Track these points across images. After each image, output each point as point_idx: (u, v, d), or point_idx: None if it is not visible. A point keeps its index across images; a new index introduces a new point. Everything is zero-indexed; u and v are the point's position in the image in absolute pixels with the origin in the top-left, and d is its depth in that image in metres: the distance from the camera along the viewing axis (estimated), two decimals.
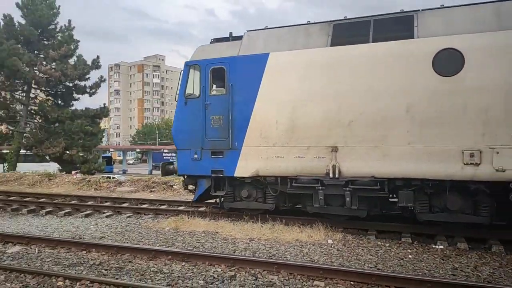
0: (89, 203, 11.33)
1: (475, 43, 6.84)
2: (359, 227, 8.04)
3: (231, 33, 9.24)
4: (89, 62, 25.88)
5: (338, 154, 7.67)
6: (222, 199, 9.15)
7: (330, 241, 7.05)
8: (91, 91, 26.61)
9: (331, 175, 7.63)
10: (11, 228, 8.40)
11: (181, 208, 10.38)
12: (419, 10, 7.67)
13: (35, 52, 25.08)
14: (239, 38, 8.96)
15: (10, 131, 26.17)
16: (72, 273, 5.39)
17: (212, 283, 5.09)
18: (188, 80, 9.09)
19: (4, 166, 25.11)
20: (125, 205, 10.84)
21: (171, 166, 9.81)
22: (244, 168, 8.41)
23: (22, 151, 25.99)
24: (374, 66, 7.46)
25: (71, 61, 25.80)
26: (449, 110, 6.91)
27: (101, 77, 26.47)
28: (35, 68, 24.28)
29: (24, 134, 25.33)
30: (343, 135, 7.62)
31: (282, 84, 8.13)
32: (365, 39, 7.72)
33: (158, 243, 7.05)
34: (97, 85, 26.48)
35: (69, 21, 26.21)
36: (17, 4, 24.74)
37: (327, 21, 8.37)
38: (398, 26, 7.64)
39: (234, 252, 6.51)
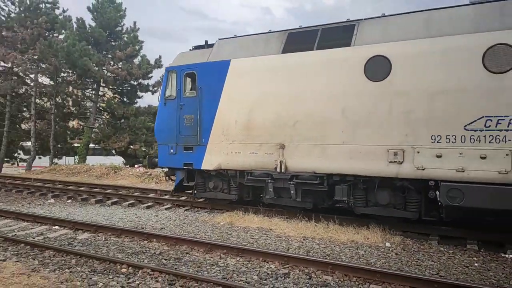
0: (150, 195, 11.90)
1: (401, 50, 7.38)
2: (420, 231, 7.67)
3: (206, 41, 10.32)
4: (152, 62, 27.15)
5: (285, 151, 8.49)
6: (195, 189, 10.11)
7: (388, 244, 6.81)
8: (154, 89, 27.93)
9: (278, 170, 8.45)
10: (81, 216, 9.07)
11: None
12: (361, 19, 8.22)
13: (104, 52, 26.76)
14: (212, 46, 9.99)
15: (81, 126, 28.26)
16: (135, 261, 5.70)
17: (266, 279, 5.14)
18: (167, 83, 10.31)
19: (75, 159, 27.16)
20: (182, 198, 11.24)
21: (156, 159, 10.65)
22: (209, 162, 9.42)
23: (91, 145, 27.90)
24: (316, 72, 8.16)
25: (136, 61, 27.21)
26: (377, 112, 7.50)
27: (163, 76, 27.58)
28: (103, 68, 25.95)
29: (93, 129, 27.21)
30: (289, 134, 8.42)
31: (241, 88, 9.05)
32: (311, 47, 8.42)
33: (213, 237, 7.24)
34: (159, 84, 27.73)
35: (134, 22, 27.68)
36: (88, 8, 26.56)
37: (284, 30, 9.14)
38: (340, 35, 8.26)
39: (288, 249, 6.51)
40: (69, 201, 11.56)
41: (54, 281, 4.87)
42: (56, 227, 7.91)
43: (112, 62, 26.03)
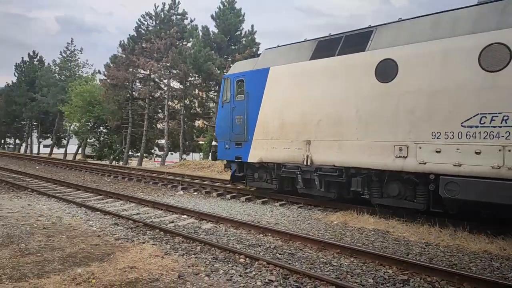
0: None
1: (406, 53, 7.95)
2: None
3: (256, 52, 12.02)
4: None
5: (310, 147, 9.57)
6: (246, 179, 11.71)
7: None
8: None
9: (305, 163, 9.59)
10: (205, 208, 9.90)
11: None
12: (380, 25, 8.82)
13: (225, 56, 28.72)
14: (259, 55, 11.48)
15: (205, 125, 30.87)
16: (252, 253, 6.01)
17: (382, 284, 4.91)
18: (224, 89, 11.96)
19: (200, 155, 29.78)
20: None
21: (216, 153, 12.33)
22: (254, 155, 10.90)
23: (214, 143, 30.24)
24: (336, 76, 9.04)
25: None
26: (385, 111, 8.20)
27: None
28: (224, 71, 27.89)
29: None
30: (314, 132, 9.48)
31: (277, 91, 10.32)
32: (333, 53, 9.26)
33: (327, 236, 7.20)
34: None
35: (252, 26, 29.10)
36: (212, 16, 28.81)
37: (315, 38, 10.08)
38: (359, 40, 8.93)
39: (407, 255, 6.11)
40: (195, 193, 12.73)
41: (182, 264, 5.44)
42: (185, 216, 8.79)
43: (232, 65, 27.80)
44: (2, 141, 59.03)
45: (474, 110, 7.02)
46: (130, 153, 33.91)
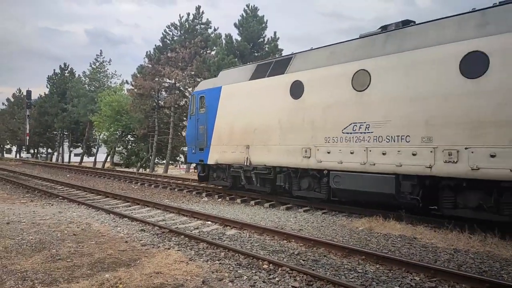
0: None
1: (309, 76, 10.20)
2: None
3: (219, 73, 14.61)
4: None
5: (249, 150, 11.87)
6: (209, 177, 14.07)
7: None
8: None
9: (246, 164, 11.89)
10: (229, 214, 9.97)
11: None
12: (297, 53, 11.15)
13: (248, 63, 28.99)
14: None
15: None
16: (275, 259, 6.00)
17: None
18: (191, 104, 14.62)
19: None
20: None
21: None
22: (212, 158, 13.32)
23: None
24: (265, 93, 11.35)
25: None
26: (296, 122, 10.42)
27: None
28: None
29: None
30: (252, 138, 11.77)
31: (227, 105, 12.77)
32: (265, 75, 11.51)
33: (351, 242, 7.10)
34: None
35: (275, 32, 29.18)
36: (235, 24, 29.14)
37: (255, 62, 13.16)
38: (282, 65, 11.17)
39: (435, 262, 5.95)
40: (219, 199, 12.84)
41: (206, 270, 5.50)
42: (209, 222, 8.89)
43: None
44: (35, 150, 61.42)
45: (349, 120, 9.24)
46: (156, 160, 34.56)
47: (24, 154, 60.73)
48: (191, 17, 31.99)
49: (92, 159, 46.34)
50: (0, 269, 5.33)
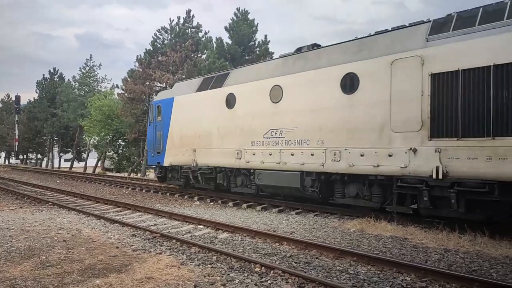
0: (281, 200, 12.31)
1: (240, 89, 12.07)
2: None
3: (172, 85, 17.38)
4: None
5: (196, 153, 13.69)
6: (166, 178, 15.84)
7: None
8: None
9: (193, 165, 13.71)
10: (221, 217, 9.95)
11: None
12: (233, 69, 13.59)
13: (239, 67, 29.02)
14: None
15: None
16: (267, 262, 6.00)
17: None
18: (150, 112, 16.52)
19: None
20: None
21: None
22: (166, 161, 15.14)
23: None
24: (207, 104, 13.22)
25: None
26: (231, 128, 12.24)
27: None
28: None
29: None
30: (197, 143, 13.61)
31: (178, 114, 14.62)
32: (207, 87, 13.44)
33: (343, 243, 7.13)
34: None
35: (265, 36, 29.35)
36: (226, 28, 29.17)
37: (202, 76, 15.33)
38: (221, 79, 13.05)
39: (426, 262, 6.00)
40: (211, 203, 12.81)
41: (198, 274, 5.48)
42: (201, 226, 8.86)
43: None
44: (25, 156, 60.67)
45: (268, 127, 11.08)
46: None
47: (13, 160, 59.86)
48: (181, 21, 31.96)
49: (82, 164, 45.89)
50: None
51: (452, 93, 7.58)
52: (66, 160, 54.41)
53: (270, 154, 10.98)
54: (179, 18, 32.12)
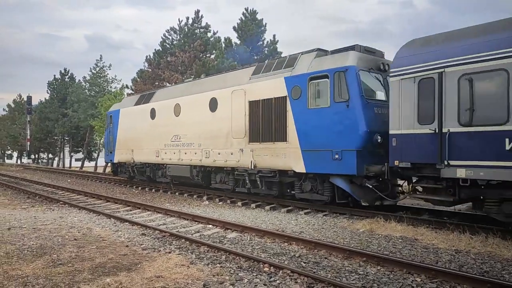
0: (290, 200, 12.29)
1: (159, 105, 16.57)
2: None
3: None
4: None
5: (133, 153, 18.02)
6: (118, 172, 20.64)
7: None
8: None
9: (132, 162, 18.19)
10: (230, 217, 9.97)
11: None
12: (159, 89, 18.89)
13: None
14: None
15: None
16: (276, 262, 6.00)
17: None
18: (107, 120, 21.42)
19: None
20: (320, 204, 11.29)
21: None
22: (116, 158, 19.69)
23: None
24: (138, 115, 17.69)
25: None
26: (153, 133, 16.77)
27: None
28: None
29: None
30: (135, 144, 17.88)
31: (122, 122, 19.13)
32: (141, 103, 17.81)
33: (352, 243, 7.10)
34: None
35: (274, 35, 29.33)
36: (234, 28, 29.26)
37: (140, 93, 20.72)
38: (150, 96, 17.66)
39: (437, 262, 5.94)
40: (220, 203, 12.84)
41: (207, 273, 5.50)
42: (210, 226, 8.88)
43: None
44: (36, 156, 61.48)
45: (173, 133, 15.29)
46: None
47: (25, 160, 60.72)
48: (190, 21, 32.09)
49: (93, 163, 46.35)
50: (1, 275, 5.33)
51: (258, 114, 11.69)
52: (77, 160, 55.05)
53: (174, 153, 15.25)
54: (187, 18, 32.27)
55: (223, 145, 12.83)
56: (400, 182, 10.07)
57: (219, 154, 12.98)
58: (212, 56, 29.56)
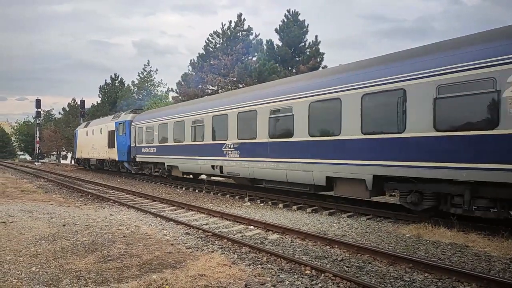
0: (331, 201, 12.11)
1: (88, 129, 32.84)
2: None
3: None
4: None
5: (82, 153, 33.82)
6: (84, 165, 35.54)
7: None
8: None
9: (81, 157, 34.40)
10: (271, 218, 9.99)
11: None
12: (92, 120, 36.63)
13: (289, 68, 28.96)
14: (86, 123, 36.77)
15: None
16: (318, 265, 5.95)
17: None
18: (75, 135, 39.04)
19: None
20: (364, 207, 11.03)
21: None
22: (78, 155, 35.79)
23: None
24: (86, 132, 32.97)
25: None
26: (89, 143, 32.38)
27: None
28: None
29: None
30: (89, 149, 31.32)
31: (80, 137, 34.58)
32: (85, 126, 34.71)
33: (398, 249, 6.88)
34: None
35: (316, 36, 29.01)
36: (276, 29, 29.30)
37: (88, 121, 37.82)
38: (89, 123, 34.43)
39: (489, 271, 5.63)
40: (262, 204, 12.90)
41: (249, 274, 5.56)
42: (251, 227, 8.96)
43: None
44: None
45: (91, 143, 30.57)
46: None
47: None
48: (232, 24, 32.54)
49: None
50: (57, 268, 5.70)
51: (112, 136, 26.15)
52: None
53: (93, 152, 29.09)
54: (230, 22, 32.71)
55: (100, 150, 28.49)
56: None
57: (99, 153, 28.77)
58: (254, 59, 29.78)
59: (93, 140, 29.49)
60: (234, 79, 29.32)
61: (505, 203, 7.33)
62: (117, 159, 25.27)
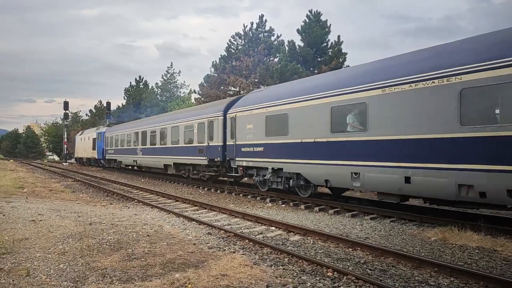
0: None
1: (83, 136, 45.62)
2: None
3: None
4: None
5: (79, 153, 46.04)
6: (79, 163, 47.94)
7: None
8: None
9: (79, 156, 46.82)
10: (292, 220, 9.96)
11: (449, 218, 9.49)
12: (86, 129, 51.68)
13: (311, 68, 28.79)
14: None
15: None
16: (340, 267, 5.89)
17: None
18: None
19: None
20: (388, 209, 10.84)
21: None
22: (76, 155, 48.47)
23: None
24: (82, 138, 45.31)
25: None
26: (84, 146, 44.72)
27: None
28: None
29: None
30: (82, 150, 43.90)
31: (78, 141, 47.15)
32: (81, 134, 49.69)
33: (423, 252, 6.74)
34: None
35: (338, 37, 28.71)
36: (298, 30, 29.19)
37: (82, 130, 53.48)
38: (83, 132, 47.77)
39: None
40: (283, 205, 12.88)
41: (270, 275, 5.56)
42: (273, 228, 8.96)
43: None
44: None
45: (82, 147, 44.61)
46: None
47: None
48: (254, 26, 32.65)
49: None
50: (84, 266, 5.86)
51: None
52: None
53: (85, 152, 41.62)
54: (252, 23, 32.85)
55: (88, 151, 40.88)
56: None
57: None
58: (276, 60, 29.78)
59: (84, 144, 41.54)
60: (256, 80, 29.39)
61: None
62: (97, 157, 36.88)
